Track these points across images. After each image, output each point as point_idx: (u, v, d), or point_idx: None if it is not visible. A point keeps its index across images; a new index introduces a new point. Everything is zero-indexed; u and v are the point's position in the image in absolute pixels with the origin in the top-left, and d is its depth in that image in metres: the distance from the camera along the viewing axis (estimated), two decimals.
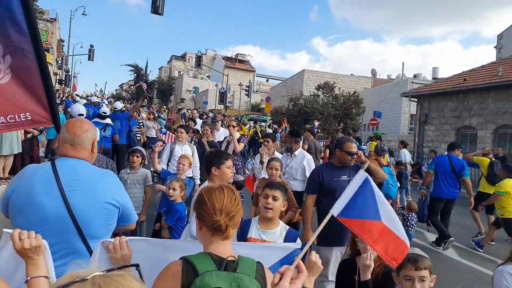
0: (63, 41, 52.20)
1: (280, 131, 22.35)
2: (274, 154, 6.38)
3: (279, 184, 3.36)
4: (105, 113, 9.06)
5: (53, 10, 47.76)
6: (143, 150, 5.78)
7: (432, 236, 7.95)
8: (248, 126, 23.10)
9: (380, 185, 6.53)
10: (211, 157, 3.57)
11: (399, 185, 8.51)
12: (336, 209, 2.05)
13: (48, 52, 41.99)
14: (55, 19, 43.91)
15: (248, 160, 6.77)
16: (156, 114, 16.14)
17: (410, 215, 7.17)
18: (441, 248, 7.43)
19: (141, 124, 13.67)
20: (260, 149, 6.34)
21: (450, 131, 19.91)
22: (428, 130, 21.48)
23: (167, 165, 6.55)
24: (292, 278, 1.33)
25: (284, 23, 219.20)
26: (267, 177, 5.15)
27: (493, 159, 9.22)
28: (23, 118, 2.59)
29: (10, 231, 1.66)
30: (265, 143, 6.51)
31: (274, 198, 3.17)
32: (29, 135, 8.17)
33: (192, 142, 7.66)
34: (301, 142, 6.91)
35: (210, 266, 1.55)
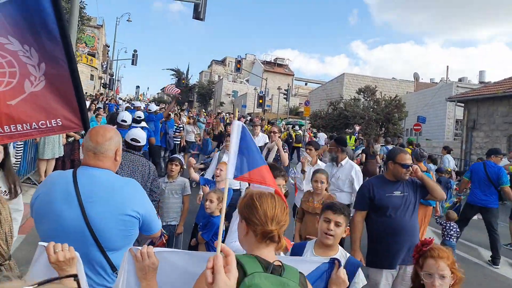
0: (108, 46, 54.03)
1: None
2: (317, 163, 6.17)
3: (343, 208, 2.98)
4: (139, 117, 9.16)
5: (100, 17, 49.56)
6: (181, 158, 5.53)
7: (487, 254, 7.40)
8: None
9: None
10: None
11: None
12: (229, 173, 1.88)
13: (94, 56, 43.64)
14: (101, 26, 45.57)
15: (290, 169, 6.54)
16: (195, 118, 16.21)
17: (449, 225, 6.72)
18: (498, 267, 6.92)
19: (181, 128, 13.62)
20: (301, 157, 6.13)
21: (501, 138, 18.85)
22: (476, 136, 20.45)
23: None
24: (224, 267, 1.25)
25: (322, 26, 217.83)
26: (311, 189, 4.84)
27: None
28: (54, 124, 2.67)
29: (45, 244, 1.70)
30: (308, 151, 6.28)
31: (337, 224, 2.83)
32: (70, 139, 8.33)
33: None
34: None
35: (257, 267, 1.54)
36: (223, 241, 2.02)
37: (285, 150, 6.93)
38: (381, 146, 15.46)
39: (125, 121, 7.74)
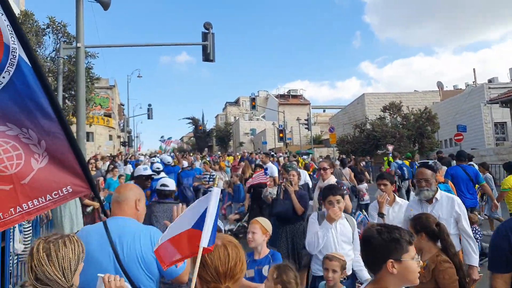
0: (123, 105, 54.38)
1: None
2: (395, 201, 4.72)
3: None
4: (158, 168, 9.50)
5: (111, 77, 50.24)
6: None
7: None
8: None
9: None
10: (383, 241, 1.92)
11: None
12: (205, 240, 1.67)
13: (110, 117, 43.60)
14: (114, 86, 45.77)
15: (357, 214, 5.07)
16: (219, 163, 14.85)
17: (474, 228, 6.50)
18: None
19: (213, 176, 12.04)
20: (378, 196, 4.62)
21: None
22: None
23: None
24: None
25: (328, 54, 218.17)
26: None
27: None
28: (65, 191, 2.88)
29: (103, 275, 2.10)
30: (382, 186, 4.79)
31: None
32: (89, 209, 7.20)
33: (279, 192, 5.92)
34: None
35: None
36: None
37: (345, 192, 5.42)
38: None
39: (159, 168, 8.79)
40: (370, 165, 25.20)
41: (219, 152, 44.22)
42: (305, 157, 24.76)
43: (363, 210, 5.21)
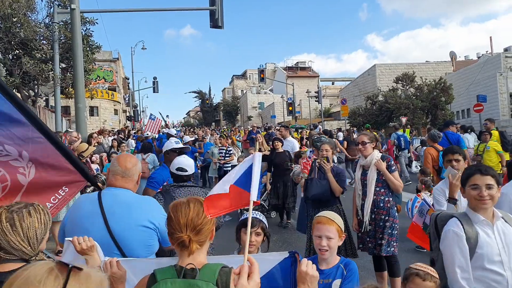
0: (128, 79, 53.47)
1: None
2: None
3: None
4: (177, 142, 8.50)
5: (115, 50, 48.97)
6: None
7: None
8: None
9: (440, 169, 6.46)
10: None
11: None
12: (255, 195, 1.87)
13: (115, 91, 42.83)
14: (117, 59, 44.77)
15: (414, 198, 4.20)
16: (233, 137, 14.09)
17: None
18: None
19: (231, 152, 11.05)
20: (449, 175, 3.26)
21: None
22: None
23: None
24: (248, 274, 1.47)
25: (334, 26, 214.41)
26: None
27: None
28: (63, 193, 2.88)
29: (70, 238, 2.11)
30: (454, 163, 3.70)
31: None
32: (89, 190, 6.49)
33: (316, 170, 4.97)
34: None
35: (169, 274, 1.65)
36: None
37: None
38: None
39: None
40: (383, 138, 24.39)
41: (223, 127, 43.53)
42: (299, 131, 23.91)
43: (421, 194, 4.25)
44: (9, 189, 2.66)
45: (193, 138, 17.47)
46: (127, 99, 49.12)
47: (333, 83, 70.87)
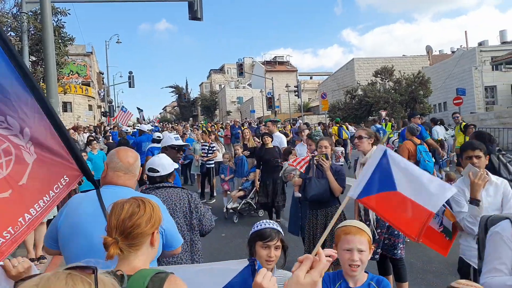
0: (102, 73, 52.12)
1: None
2: (489, 180, 3.14)
3: None
4: (159, 137, 9.17)
5: (88, 44, 47.44)
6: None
7: None
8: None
9: (417, 163, 6.85)
10: None
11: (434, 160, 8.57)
12: (354, 191, 1.87)
13: (89, 86, 41.60)
14: (91, 53, 43.46)
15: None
16: (216, 133, 13.61)
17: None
18: None
19: (214, 148, 10.54)
20: (470, 173, 2.98)
21: None
22: None
23: None
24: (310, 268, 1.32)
25: (310, 21, 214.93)
26: None
27: None
28: (64, 182, 2.51)
29: (2, 263, 1.91)
30: (474, 160, 3.19)
31: None
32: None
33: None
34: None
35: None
36: None
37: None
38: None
39: (159, 137, 8.98)
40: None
41: (201, 121, 42.92)
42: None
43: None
44: (13, 165, 2.27)
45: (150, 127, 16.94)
46: (102, 94, 47.85)
47: (311, 78, 70.91)
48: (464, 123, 11.23)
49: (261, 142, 8.58)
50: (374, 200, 1.91)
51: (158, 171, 3.37)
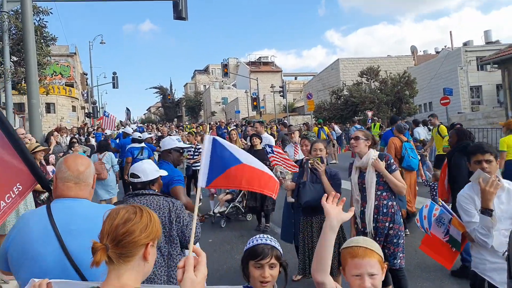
0: (86, 74, 51.33)
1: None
2: (502, 186, 2.88)
3: None
4: (140, 137, 9.29)
5: (71, 44, 46.68)
6: None
7: None
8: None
9: (401, 159, 7.14)
10: None
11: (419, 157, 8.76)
12: (202, 181, 1.93)
13: (73, 87, 40.88)
14: (75, 53, 42.75)
15: (430, 204, 3.64)
16: (202, 134, 13.34)
17: (437, 185, 6.33)
18: None
19: (200, 150, 10.00)
20: (480, 179, 2.79)
21: None
22: None
23: None
24: (194, 266, 1.36)
25: (294, 22, 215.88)
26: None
27: None
28: (16, 190, 2.37)
29: (37, 280, 1.70)
30: (485, 164, 2.97)
31: None
32: (43, 197, 5.69)
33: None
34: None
35: None
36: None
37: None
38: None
39: (140, 137, 9.36)
40: (348, 132, 24.42)
41: (185, 122, 42.56)
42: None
43: (440, 199, 3.76)
44: None
45: (152, 135, 16.62)
46: (85, 95, 47.06)
47: (296, 78, 70.99)
48: (441, 125, 11.11)
49: (249, 144, 8.43)
50: (224, 178, 1.96)
51: (139, 177, 3.20)
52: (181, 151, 4.45)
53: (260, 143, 7.57)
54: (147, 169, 3.24)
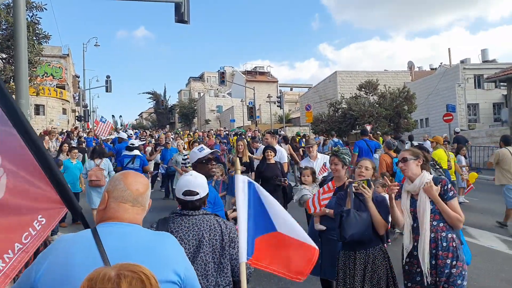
0: (78, 77, 50.47)
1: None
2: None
3: None
4: (133, 144, 8.83)
5: (65, 45, 45.85)
6: None
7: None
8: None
9: (393, 174, 7.62)
10: None
11: None
12: (241, 255, 1.87)
13: (64, 89, 40.01)
14: (68, 55, 41.96)
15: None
16: (200, 141, 12.69)
17: None
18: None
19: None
20: None
21: None
22: None
23: None
24: None
25: (288, 34, 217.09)
26: None
27: None
28: (38, 226, 1.84)
29: None
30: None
31: None
32: None
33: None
34: None
35: None
36: None
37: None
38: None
39: (133, 144, 8.88)
40: (344, 145, 23.97)
41: (178, 129, 41.86)
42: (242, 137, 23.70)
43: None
44: None
45: (143, 142, 15.86)
46: (77, 98, 46.20)
47: (291, 89, 70.74)
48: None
49: (254, 156, 7.83)
50: (257, 250, 1.78)
51: (197, 193, 2.59)
52: (204, 161, 3.77)
53: (274, 156, 6.86)
54: (204, 183, 2.66)
